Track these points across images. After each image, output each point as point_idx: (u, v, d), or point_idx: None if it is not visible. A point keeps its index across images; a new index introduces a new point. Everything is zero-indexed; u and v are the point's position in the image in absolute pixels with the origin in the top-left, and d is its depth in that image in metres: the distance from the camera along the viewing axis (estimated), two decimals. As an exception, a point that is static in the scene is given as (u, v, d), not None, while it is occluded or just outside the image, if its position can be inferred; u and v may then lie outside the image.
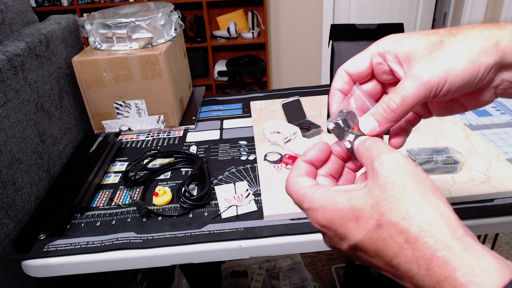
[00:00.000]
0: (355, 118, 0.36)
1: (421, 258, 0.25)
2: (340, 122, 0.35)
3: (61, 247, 0.65)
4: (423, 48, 0.32)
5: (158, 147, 0.94)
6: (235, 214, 0.70)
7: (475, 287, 0.23)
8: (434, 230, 0.25)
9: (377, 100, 0.37)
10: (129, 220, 0.70)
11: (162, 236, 0.66)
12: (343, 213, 0.29)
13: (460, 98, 0.36)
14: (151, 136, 0.99)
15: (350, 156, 0.37)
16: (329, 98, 0.38)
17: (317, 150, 0.35)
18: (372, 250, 0.28)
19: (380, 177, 0.28)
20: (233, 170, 0.83)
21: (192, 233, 0.66)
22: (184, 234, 0.66)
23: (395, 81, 0.36)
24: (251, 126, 1.00)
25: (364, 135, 0.35)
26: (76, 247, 0.65)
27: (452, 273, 0.24)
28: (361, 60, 0.36)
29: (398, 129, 0.38)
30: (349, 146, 0.35)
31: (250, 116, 1.06)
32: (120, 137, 1.00)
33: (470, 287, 0.23)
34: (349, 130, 0.35)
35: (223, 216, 0.69)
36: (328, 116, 0.91)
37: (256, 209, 0.70)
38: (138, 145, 0.96)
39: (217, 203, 0.73)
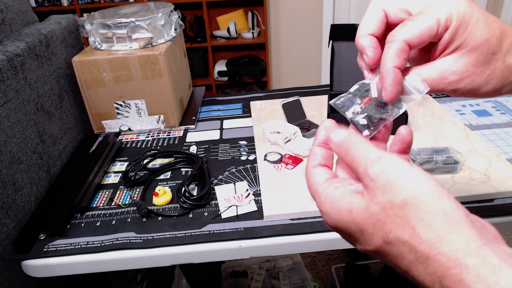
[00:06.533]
0: (366, 91, 0.33)
1: (434, 274, 0.24)
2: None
3: (61, 247, 0.65)
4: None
5: (158, 147, 0.94)
6: (235, 214, 0.70)
7: None
8: (445, 247, 0.24)
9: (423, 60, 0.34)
10: (129, 220, 0.70)
11: (162, 236, 0.66)
12: (347, 224, 0.29)
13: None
14: (151, 136, 0.99)
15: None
16: (360, 41, 0.32)
17: (324, 128, 0.33)
18: (387, 260, 0.28)
19: (376, 193, 0.27)
20: (233, 170, 0.83)
21: (192, 233, 0.66)
22: (184, 234, 0.66)
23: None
24: (251, 126, 1.00)
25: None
26: (76, 247, 0.65)
27: None
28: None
29: None
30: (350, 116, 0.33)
31: (250, 116, 1.06)
32: (120, 137, 1.00)
33: None
34: (358, 103, 0.33)
35: (223, 216, 0.69)
36: (328, 115, 0.91)
37: (256, 209, 0.70)
38: (138, 145, 0.96)
39: (217, 203, 0.73)
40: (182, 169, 0.84)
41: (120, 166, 0.87)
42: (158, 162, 0.87)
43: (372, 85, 0.33)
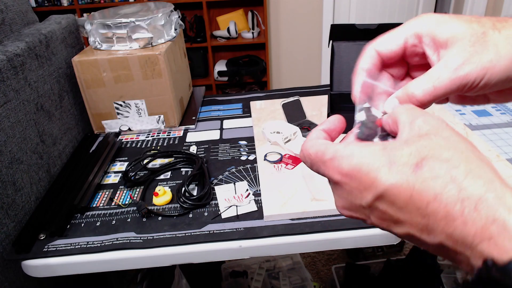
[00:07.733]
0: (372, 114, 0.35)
1: (468, 199, 0.24)
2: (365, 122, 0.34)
3: (61, 247, 0.65)
4: (464, 37, 0.30)
5: (158, 147, 0.94)
6: (235, 214, 0.70)
7: None
8: (484, 173, 0.25)
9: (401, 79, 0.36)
10: (129, 220, 0.70)
11: (162, 236, 0.66)
12: (376, 157, 0.27)
13: (488, 93, 0.35)
14: (151, 136, 0.99)
15: None
16: (353, 77, 0.35)
17: (333, 120, 0.34)
18: (404, 196, 0.26)
19: (422, 129, 0.27)
20: (233, 170, 0.83)
21: (192, 233, 0.66)
22: (184, 234, 0.66)
23: (423, 63, 0.34)
24: (251, 126, 1.00)
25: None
26: (76, 247, 0.65)
27: (503, 215, 0.22)
28: (394, 39, 0.34)
29: None
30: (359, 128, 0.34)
31: (250, 116, 1.06)
32: (120, 137, 1.00)
33: None
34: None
35: (223, 216, 0.69)
36: (328, 115, 0.91)
37: (256, 209, 0.70)
38: (138, 145, 0.96)
39: (217, 203, 0.73)
40: (182, 169, 0.84)
41: (120, 166, 0.87)
42: (158, 162, 0.87)
43: (373, 109, 0.35)
